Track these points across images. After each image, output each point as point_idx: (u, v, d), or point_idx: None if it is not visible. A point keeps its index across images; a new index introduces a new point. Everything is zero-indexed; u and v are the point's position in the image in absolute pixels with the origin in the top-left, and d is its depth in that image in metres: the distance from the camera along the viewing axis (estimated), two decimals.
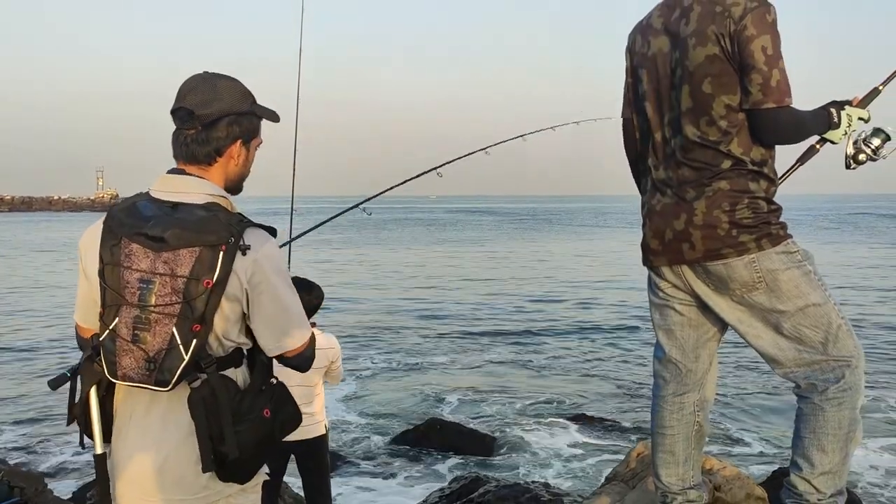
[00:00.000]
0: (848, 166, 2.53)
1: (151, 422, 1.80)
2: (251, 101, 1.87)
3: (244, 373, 1.85)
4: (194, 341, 1.68)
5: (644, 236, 2.53)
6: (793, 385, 2.44)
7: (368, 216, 3.77)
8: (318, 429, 3.68)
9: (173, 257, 1.68)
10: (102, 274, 1.73)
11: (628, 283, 20.27)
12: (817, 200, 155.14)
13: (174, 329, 1.68)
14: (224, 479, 1.78)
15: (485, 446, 7.88)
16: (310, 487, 3.77)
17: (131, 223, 1.72)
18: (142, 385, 1.71)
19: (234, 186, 1.90)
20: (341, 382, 4.25)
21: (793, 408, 2.50)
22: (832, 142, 2.49)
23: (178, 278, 1.67)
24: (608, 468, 5.80)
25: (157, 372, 1.68)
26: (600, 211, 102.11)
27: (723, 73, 2.26)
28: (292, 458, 3.73)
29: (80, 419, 1.84)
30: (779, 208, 2.36)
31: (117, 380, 1.73)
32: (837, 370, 2.34)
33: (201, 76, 1.84)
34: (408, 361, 12.31)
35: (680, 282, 2.47)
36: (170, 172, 1.84)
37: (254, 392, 1.81)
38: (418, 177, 3.85)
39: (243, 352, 1.85)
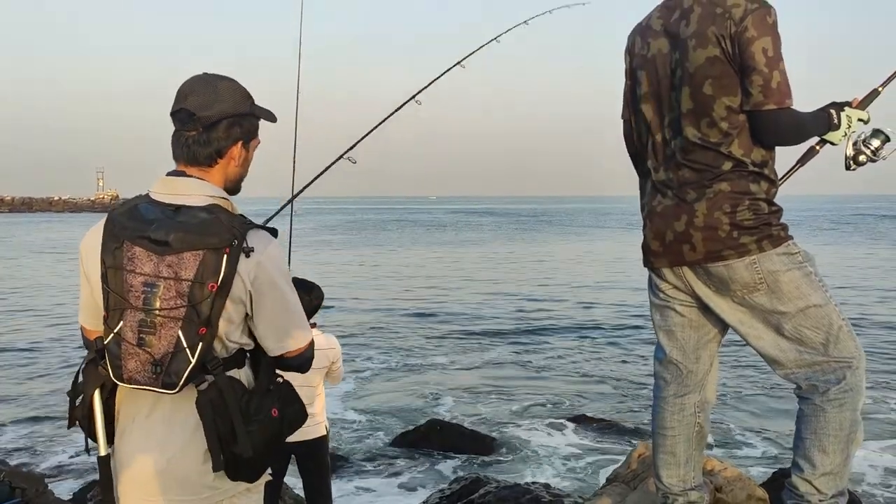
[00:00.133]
0: (848, 167, 2.54)
1: (155, 423, 1.80)
2: (251, 102, 1.88)
3: (247, 373, 1.85)
4: (200, 344, 1.69)
5: (645, 238, 2.53)
6: (794, 386, 2.45)
7: (353, 164, 3.71)
8: (319, 430, 3.68)
9: (177, 261, 1.68)
10: (105, 278, 1.72)
11: (628, 283, 20.25)
12: (817, 201, 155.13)
13: (180, 332, 1.68)
14: (234, 478, 1.79)
15: (485, 447, 7.86)
16: (310, 488, 3.77)
17: (133, 226, 1.72)
18: (148, 388, 1.72)
19: (234, 187, 1.91)
20: (341, 382, 4.26)
21: (794, 409, 2.50)
22: (832, 143, 2.49)
23: (182, 282, 1.68)
24: (608, 469, 5.80)
25: (164, 375, 1.69)
26: (600, 212, 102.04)
27: (723, 75, 2.26)
28: (293, 460, 3.73)
29: (82, 422, 1.85)
30: (779, 209, 2.37)
31: (123, 383, 1.74)
32: (838, 371, 2.34)
33: (201, 77, 1.84)
34: (408, 361, 12.29)
35: (681, 283, 2.48)
36: (169, 174, 1.83)
37: (261, 392, 1.81)
38: (397, 110, 3.76)
39: (246, 352, 1.85)
